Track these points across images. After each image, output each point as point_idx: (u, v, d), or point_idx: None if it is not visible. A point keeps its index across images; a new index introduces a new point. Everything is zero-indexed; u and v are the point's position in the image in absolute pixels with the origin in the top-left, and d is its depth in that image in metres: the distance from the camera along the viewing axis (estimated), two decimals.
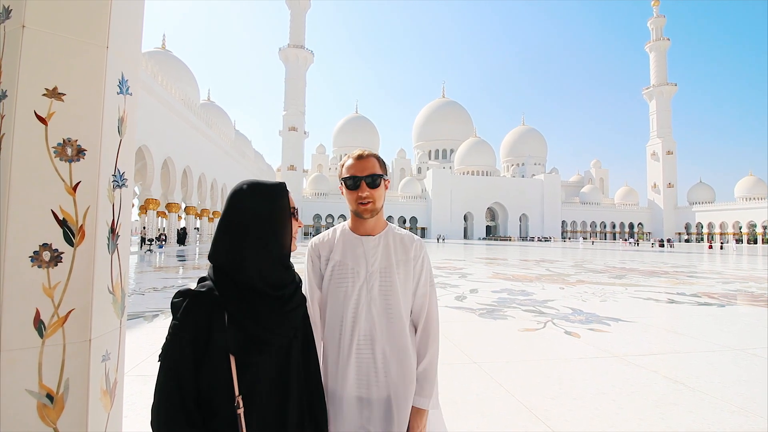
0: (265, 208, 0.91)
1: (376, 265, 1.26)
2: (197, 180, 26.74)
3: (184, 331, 0.86)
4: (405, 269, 1.27)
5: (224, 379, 0.84)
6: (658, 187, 70.60)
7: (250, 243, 0.89)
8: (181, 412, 0.83)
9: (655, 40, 71.51)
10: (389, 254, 1.27)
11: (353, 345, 1.22)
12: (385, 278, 1.25)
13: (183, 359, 0.84)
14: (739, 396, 2.82)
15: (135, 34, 1.18)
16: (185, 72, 40.16)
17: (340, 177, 1.27)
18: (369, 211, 1.24)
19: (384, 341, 1.23)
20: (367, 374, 1.21)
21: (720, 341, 4.39)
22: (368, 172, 1.22)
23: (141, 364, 3.30)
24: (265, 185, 0.95)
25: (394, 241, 1.30)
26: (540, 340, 4.32)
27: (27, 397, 0.94)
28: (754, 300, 7.43)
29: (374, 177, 1.22)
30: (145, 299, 6.47)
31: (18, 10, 0.95)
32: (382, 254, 1.27)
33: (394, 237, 1.31)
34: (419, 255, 1.31)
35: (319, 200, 63.76)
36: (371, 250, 1.27)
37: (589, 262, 16.91)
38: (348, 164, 1.25)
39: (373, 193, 1.23)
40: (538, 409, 2.56)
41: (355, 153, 1.28)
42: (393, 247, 1.29)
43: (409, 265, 1.28)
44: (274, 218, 0.92)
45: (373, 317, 1.23)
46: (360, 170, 1.22)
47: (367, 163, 1.24)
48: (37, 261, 0.94)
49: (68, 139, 0.98)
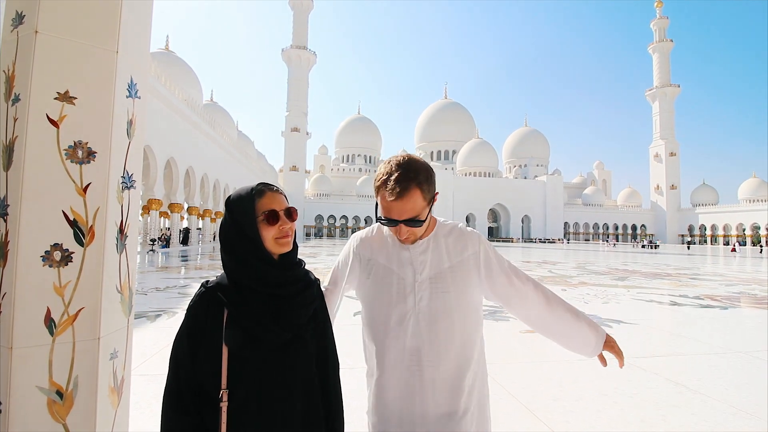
0: (237, 213, 0.93)
1: (425, 273, 1.10)
2: (200, 180, 26.85)
3: (185, 324, 0.92)
4: (463, 272, 1.10)
5: (217, 372, 0.88)
6: (661, 188, 70.34)
7: (235, 246, 0.93)
8: (178, 400, 0.89)
9: (658, 41, 71.32)
10: (440, 259, 1.11)
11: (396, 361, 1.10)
12: (437, 289, 1.09)
13: (181, 351, 0.90)
14: (741, 399, 2.82)
15: (144, 38, 1.21)
16: (189, 73, 40.40)
17: (377, 198, 1.07)
18: (410, 242, 1.11)
19: (432, 359, 1.07)
20: (412, 399, 1.08)
21: (722, 344, 4.38)
22: (408, 216, 1.02)
23: (144, 363, 3.33)
24: (236, 192, 0.96)
25: (446, 241, 1.13)
26: (541, 341, 4.32)
27: (37, 393, 0.96)
28: (757, 302, 7.41)
29: (415, 222, 1.03)
30: (148, 299, 6.50)
31: (31, 15, 0.97)
32: (431, 261, 1.10)
33: (446, 236, 1.14)
34: (478, 249, 1.13)
35: (322, 201, 63.90)
36: (418, 257, 1.11)
37: (592, 264, 16.87)
38: (386, 200, 1.03)
39: (414, 230, 1.07)
40: (540, 411, 2.57)
41: (392, 185, 1.01)
42: (445, 249, 1.12)
43: (467, 266, 1.11)
44: (244, 222, 0.92)
45: (421, 333, 1.08)
46: (398, 213, 1.02)
47: (407, 204, 1.01)
48: (49, 260, 0.97)
49: (79, 141, 1.00)
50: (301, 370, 0.94)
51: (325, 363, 1.01)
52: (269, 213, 0.92)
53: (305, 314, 0.97)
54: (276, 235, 0.92)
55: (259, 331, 0.89)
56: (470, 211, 63.94)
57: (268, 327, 0.89)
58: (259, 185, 0.97)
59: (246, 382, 0.88)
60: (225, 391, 0.87)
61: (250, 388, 0.88)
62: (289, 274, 0.95)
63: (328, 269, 8.73)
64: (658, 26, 71.96)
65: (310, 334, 0.98)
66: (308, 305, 0.98)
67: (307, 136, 62.09)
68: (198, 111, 26.42)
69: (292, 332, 0.93)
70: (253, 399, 0.89)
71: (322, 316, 1.04)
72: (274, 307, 0.91)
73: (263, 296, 0.91)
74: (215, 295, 0.91)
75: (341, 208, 63.37)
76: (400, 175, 1.01)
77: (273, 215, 0.92)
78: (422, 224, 1.05)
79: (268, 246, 0.93)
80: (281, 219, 0.93)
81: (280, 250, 0.93)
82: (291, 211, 0.96)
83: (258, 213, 0.92)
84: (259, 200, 0.94)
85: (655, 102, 71.20)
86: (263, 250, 0.92)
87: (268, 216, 0.92)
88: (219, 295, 0.91)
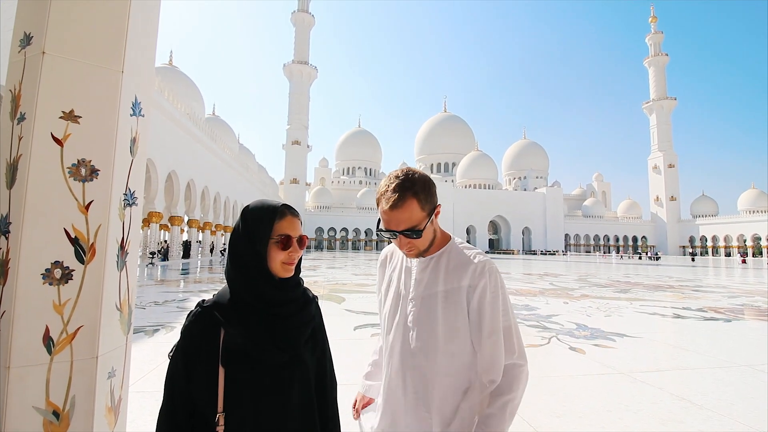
0: (252, 225, 0.93)
1: (418, 291, 1.07)
2: (200, 193, 26.93)
3: (181, 345, 0.91)
4: (454, 301, 1.03)
5: (213, 394, 0.86)
6: (661, 200, 70.47)
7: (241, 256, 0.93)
8: (172, 422, 0.88)
9: (654, 55, 72.42)
10: (436, 280, 1.06)
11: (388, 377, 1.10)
12: (424, 310, 1.05)
13: (177, 372, 0.89)
14: (746, 413, 2.77)
15: (149, 58, 1.23)
16: (191, 87, 40.96)
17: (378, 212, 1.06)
18: (414, 254, 1.07)
19: (412, 385, 1.04)
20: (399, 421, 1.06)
21: (727, 357, 4.33)
22: (405, 226, 1.00)
23: (141, 379, 3.29)
24: (257, 204, 0.96)
25: (449, 263, 1.07)
26: (545, 356, 4.27)
27: (34, 413, 0.95)
28: (760, 315, 7.34)
29: (413, 232, 1.01)
30: (146, 313, 6.45)
31: (39, 37, 1.00)
32: (428, 280, 1.07)
33: (451, 258, 1.07)
34: (476, 283, 1.01)
35: (322, 213, 63.92)
36: (419, 273, 1.09)
37: (593, 276, 16.79)
38: (382, 210, 1.02)
39: (414, 242, 1.03)
40: (545, 428, 2.53)
41: (389, 195, 1.01)
42: (444, 271, 1.06)
43: (458, 296, 1.03)
44: (256, 237, 0.91)
45: (406, 356, 1.06)
46: (395, 224, 1.01)
47: (403, 214, 1.00)
48: (49, 278, 0.97)
49: (83, 159, 1.01)
50: (299, 391, 0.93)
51: (323, 384, 1.00)
52: (285, 238, 0.92)
53: (303, 333, 0.95)
54: (284, 260, 0.92)
55: (257, 351, 0.88)
56: (471, 223, 63.95)
57: (265, 347, 0.88)
58: (283, 206, 0.97)
59: (243, 404, 0.87)
60: (221, 414, 0.85)
61: (246, 410, 0.87)
62: (287, 295, 0.94)
63: (329, 282, 8.74)
64: (653, 41, 73.17)
65: (308, 354, 0.96)
66: (307, 324, 0.96)
67: (308, 149, 62.60)
68: (200, 125, 26.68)
69: (289, 352, 0.91)
70: (250, 421, 0.87)
71: (321, 335, 1.03)
72: (272, 326, 0.90)
73: (261, 314, 0.90)
74: (212, 315, 0.90)
75: (342, 220, 63.38)
76: (397, 186, 1.01)
77: (287, 241, 0.92)
78: (421, 235, 1.01)
79: (272, 267, 0.92)
80: (293, 246, 0.93)
81: (283, 274, 0.93)
82: (303, 240, 0.96)
83: (273, 234, 0.92)
84: (279, 222, 0.93)
85: (652, 114, 71.89)
86: (267, 269, 0.92)
87: (282, 240, 0.92)
88: (215, 315, 0.90)
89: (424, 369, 1.04)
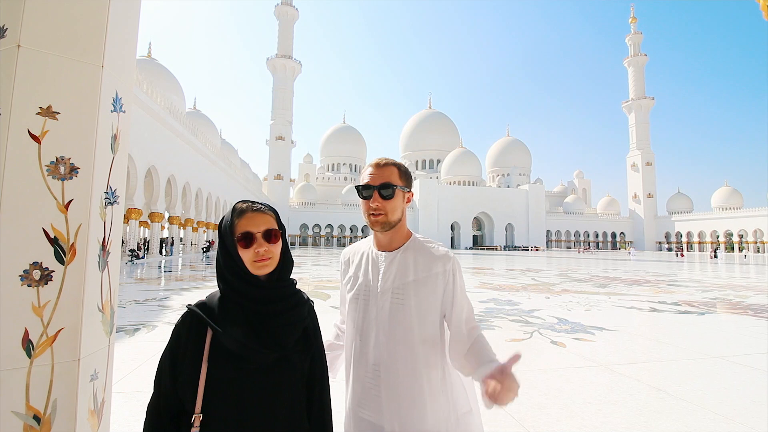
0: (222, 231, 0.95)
1: (387, 283, 1.12)
2: (181, 189, 26.34)
3: (169, 344, 0.92)
4: (427, 288, 1.10)
5: (196, 393, 0.86)
6: (639, 197, 72.47)
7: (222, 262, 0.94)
8: (157, 420, 0.89)
9: (633, 55, 74.10)
10: (406, 271, 1.12)
11: (360, 374, 1.13)
12: (398, 300, 1.10)
13: (164, 370, 0.90)
14: (720, 403, 2.90)
15: (130, 52, 1.20)
16: (171, 80, 39.88)
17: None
18: (380, 223, 1.12)
19: (390, 376, 1.09)
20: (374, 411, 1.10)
21: (700, 349, 4.51)
22: (382, 181, 1.11)
23: (123, 379, 3.22)
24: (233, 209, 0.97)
25: (416, 255, 1.14)
26: (527, 350, 4.36)
27: (13, 419, 0.92)
28: (732, 308, 7.66)
29: (389, 186, 1.10)
30: (126, 312, 6.30)
31: (14, 29, 0.95)
32: (396, 272, 1.12)
33: (416, 251, 1.14)
34: (446, 268, 1.12)
35: (307, 209, 63.35)
36: (386, 266, 1.14)
37: (574, 272, 17.18)
38: (365, 172, 1.15)
39: (384, 204, 1.10)
40: (527, 420, 2.59)
41: (376, 161, 1.15)
42: (413, 262, 1.12)
43: (433, 282, 1.11)
44: (227, 242, 0.93)
45: (381, 345, 1.10)
46: (375, 179, 1.11)
47: (385, 171, 1.12)
48: (27, 280, 0.93)
49: (61, 157, 0.98)
50: (287, 392, 0.91)
51: (313, 386, 0.98)
52: (243, 235, 0.91)
53: (292, 333, 0.93)
54: (252, 258, 0.91)
55: (243, 349, 0.87)
56: (455, 219, 64.43)
57: (251, 345, 0.87)
58: (238, 204, 0.96)
59: (226, 403, 0.86)
60: (198, 416, 0.84)
61: (229, 410, 0.86)
62: (270, 293, 0.93)
63: (314, 279, 8.70)
64: (632, 41, 74.82)
65: (298, 355, 0.95)
66: (296, 324, 0.95)
67: (292, 145, 61.85)
68: (180, 119, 26.02)
69: (277, 352, 0.90)
70: (233, 421, 0.86)
71: (314, 337, 1.01)
72: (259, 324, 0.89)
73: (248, 313, 0.90)
74: (198, 315, 0.90)
75: (326, 216, 62.96)
76: (382, 158, 1.17)
77: (247, 237, 0.91)
78: (392, 195, 1.11)
79: (248, 267, 0.92)
80: (257, 241, 0.91)
81: (257, 271, 0.92)
82: (272, 233, 0.93)
83: (236, 233, 0.92)
84: (238, 221, 0.93)
85: (631, 113, 73.68)
86: (245, 270, 0.92)
87: (241, 239, 0.91)
88: (202, 314, 0.90)
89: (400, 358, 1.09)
